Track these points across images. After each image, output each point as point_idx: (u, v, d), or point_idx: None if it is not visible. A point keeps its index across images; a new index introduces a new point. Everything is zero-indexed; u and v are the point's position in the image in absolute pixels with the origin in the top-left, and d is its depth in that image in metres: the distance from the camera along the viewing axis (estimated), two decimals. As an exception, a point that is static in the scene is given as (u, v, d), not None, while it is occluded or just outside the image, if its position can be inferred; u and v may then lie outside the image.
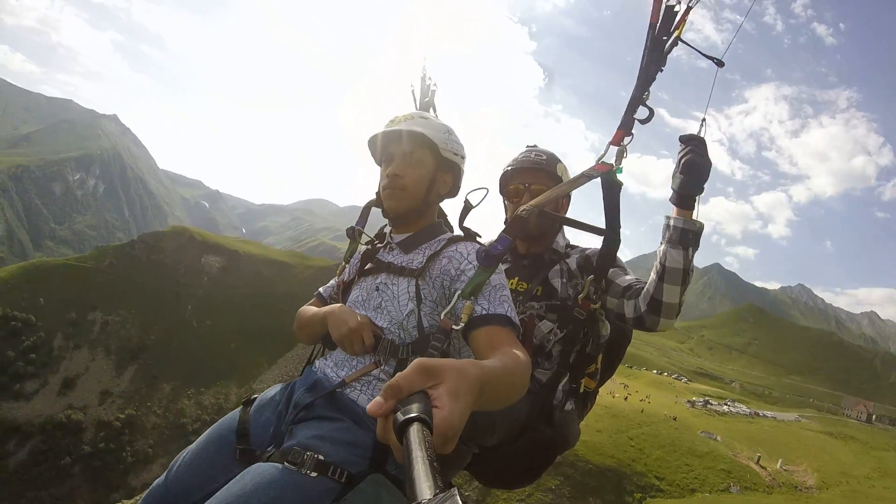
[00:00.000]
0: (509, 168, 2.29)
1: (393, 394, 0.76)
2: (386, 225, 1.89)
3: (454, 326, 1.44)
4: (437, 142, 1.68)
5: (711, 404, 68.17)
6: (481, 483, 2.29)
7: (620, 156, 1.87)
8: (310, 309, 1.85)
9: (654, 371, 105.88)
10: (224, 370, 76.69)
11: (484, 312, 1.44)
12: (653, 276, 1.85)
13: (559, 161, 2.27)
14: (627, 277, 2.03)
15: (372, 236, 1.91)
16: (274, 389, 1.67)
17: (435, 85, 2.37)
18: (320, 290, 1.99)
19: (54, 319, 72.01)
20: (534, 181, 2.22)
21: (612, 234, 1.91)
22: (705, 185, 1.79)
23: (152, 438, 64.56)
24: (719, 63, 1.86)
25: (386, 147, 1.73)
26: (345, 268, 1.94)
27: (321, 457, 1.29)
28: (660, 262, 1.81)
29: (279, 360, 79.11)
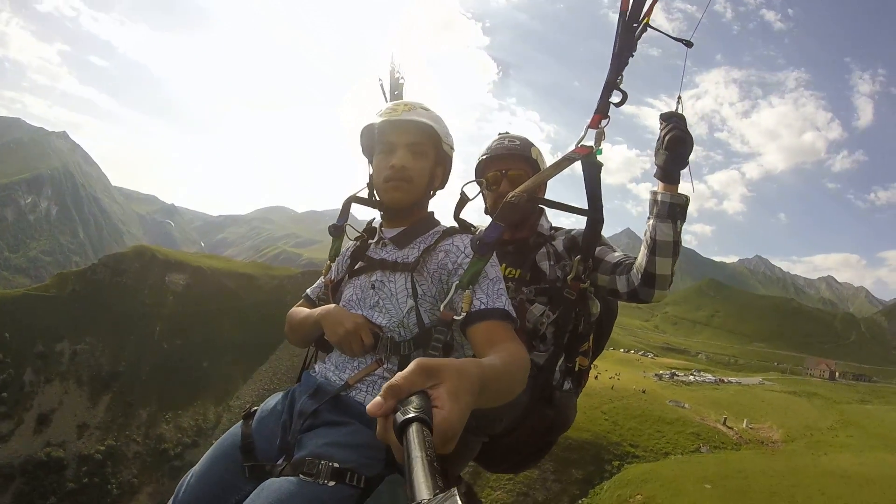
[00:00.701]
0: (484, 156, 2.30)
1: (393, 393, 0.75)
2: (373, 220, 1.88)
3: (455, 317, 1.44)
4: (440, 134, 1.68)
5: (678, 376, 71.40)
6: (489, 470, 2.32)
7: (599, 138, 1.92)
8: (301, 311, 1.83)
9: (622, 350, 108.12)
10: (199, 389, 75.42)
11: (482, 307, 1.44)
12: (643, 250, 1.89)
13: (532, 145, 2.29)
14: (616, 254, 2.07)
15: (360, 231, 1.88)
16: (274, 399, 1.65)
17: (403, 78, 2.39)
18: (307, 291, 1.97)
19: (22, 354, 69.79)
20: (510, 167, 2.25)
21: (594, 213, 1.95)
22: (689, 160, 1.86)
23: (135, 468, 63.45)
24: (688, 44, 1.91)
25: (386, 137, 1.69)
26: (331, 267, 1.92)
27: (336, 464, 1.26)
28: (650, 237, 1.85)
29: (254, 374, 78.50)
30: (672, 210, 1.80)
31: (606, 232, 2.18)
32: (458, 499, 0.51)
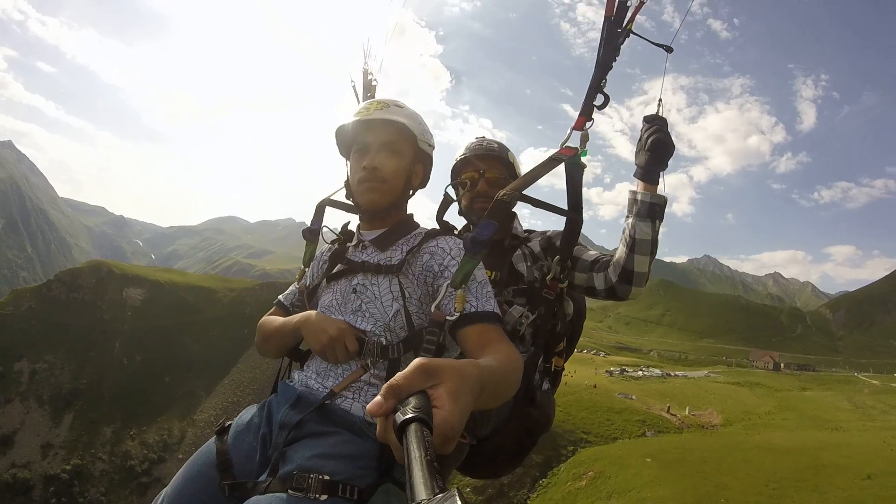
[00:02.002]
0: (462, 156, 2.29)
1: (393, 394, 0.74)
2: (348, 223, 1.83)
3: (448, 317, 1.39)
4: (416, 132, 1.63)
5: (627, 371, 74.99)
6: (470, 476, 2.29)
7: (584, 140, 1.89)
8: (275, 319, 1.72)
9: (576, 350, 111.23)
10: (162, 405, 74.70)
11: (473, 310, 1.40)
12: (622, 248, 1.90)
13: (508, 150, 2.30)
14: (592, 252, 2.09)
15: (337, 234, 1.82)
16: (249, 412, 1.56)
17: (376, 80, 2.34)
18: (280, 298, 1.86)
19: (-20, 375, 67.04)
20: (488, 168, 2.23)
21: (574, 214, 1.90)
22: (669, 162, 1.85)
23: (103, 486, 62.55)
24: (668, 49, 1.92)
25: (360, 137, 1.64)
26: (305, 272, 1.86)
27: (326, 477, 1.19)
28: (629, 235, 1.86)
29: (216, 388, 78.13)
30: (652, 210, 1.82)
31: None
32: (458, 499, 0.50)
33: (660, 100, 1.96)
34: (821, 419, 45.70)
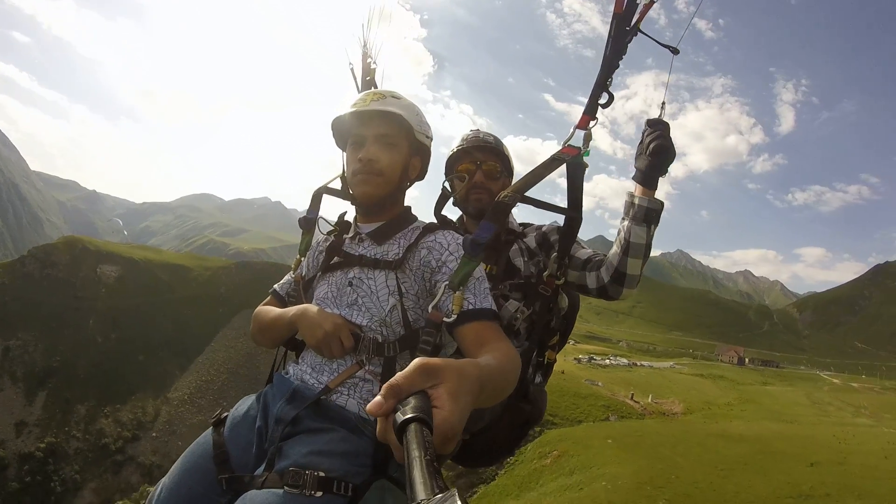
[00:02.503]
0: (458, 148, 2.27)
1: (393, 393, 0.74)
2: (344, 213, 1.82)
3: (445, 319, 1.38)
4: (413, 124, 1.60)
5: (595, 359, 77.34)
6: (464, 466, 2.39)
7: (587, 139, 1.87)
8: (270, 310, 1.72)
9: None
10: (137, 383, 74.46)
11: (471, 307, 1.39)
12: (616, 249, 1.89)
13: (502, 143, 2.29)
14: (586, 251, 2.07)
15: (333, 225, 1.81)
16: (245, 404, 1.55)
17: (375, 63, 2.31)
18: (275, 287, 1.86)
19: (-49, 351, 65.67)
20: (485, 160, 2.22)
21: (574, 212, 1.90)
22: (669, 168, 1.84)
23: (77, 464, 62.50)
24: (675, 51, 1.91)
25: (356, 128, 1.61)
26: (301, 262, 1.83)
27: (322, 473, 1.19)
28: (624, 238, 1.85)
29: (190, 367, 78.31)
30: (648, 214, 1.82)
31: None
32: (458, 499, 0.50)
33: (663, 103, 1.95)
34: (778, 412, 46.90)
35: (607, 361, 77.92)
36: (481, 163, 2.23)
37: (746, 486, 13.09)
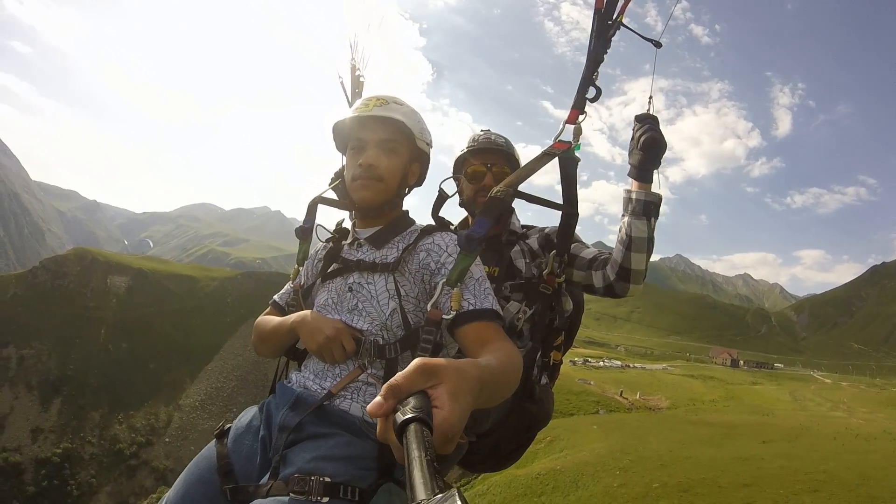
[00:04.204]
0: (468, 149, 2.25)
1: (393, 394, 0.73)
2: (343, 220, 1.81)
3: (444, 316, 1.38)
4: (414, 130, 1.59)
5: (590, 361, 79.67)
6: (472, 471, 2.19)
7: (577, 133, 1.87)
8: (271, 319, 1.70)
9: None
10: (149, 391, 76.16)
11: (471, 308, 1.38)
12: (619, 246, 1.87)
13: (513, 145, 2.28)
14: (590, 250, 2.06)
15: (332, 232, 1.79)
16: (248, 414, 1.53)
17: (363, 77, 2.30)
18: (275, 297, 1.82)
19: (-32, 360, 67.52)
20: (495, 162, 2.20)
21: (570, 208, 1.89)
22: (661, 160, 1.83)
23: (93, 468, 64.09)
24: (657, 44, 1.91)
25: (357, 133, 1.60)
26: (299, 271, 1.81)
27: (328, 479, 1.18)
28: (625, 233, 1.83)
29: (200, 374, 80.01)
30: (647, 207, 1.81)
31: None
32: (458, 499, 0.50)
33: (650, 98, 1.93)
34: (758, 406, 48.22)
35: (601, 363, 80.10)
36: (491, 165, 2.21)
37: (698, 454, 15.14)
